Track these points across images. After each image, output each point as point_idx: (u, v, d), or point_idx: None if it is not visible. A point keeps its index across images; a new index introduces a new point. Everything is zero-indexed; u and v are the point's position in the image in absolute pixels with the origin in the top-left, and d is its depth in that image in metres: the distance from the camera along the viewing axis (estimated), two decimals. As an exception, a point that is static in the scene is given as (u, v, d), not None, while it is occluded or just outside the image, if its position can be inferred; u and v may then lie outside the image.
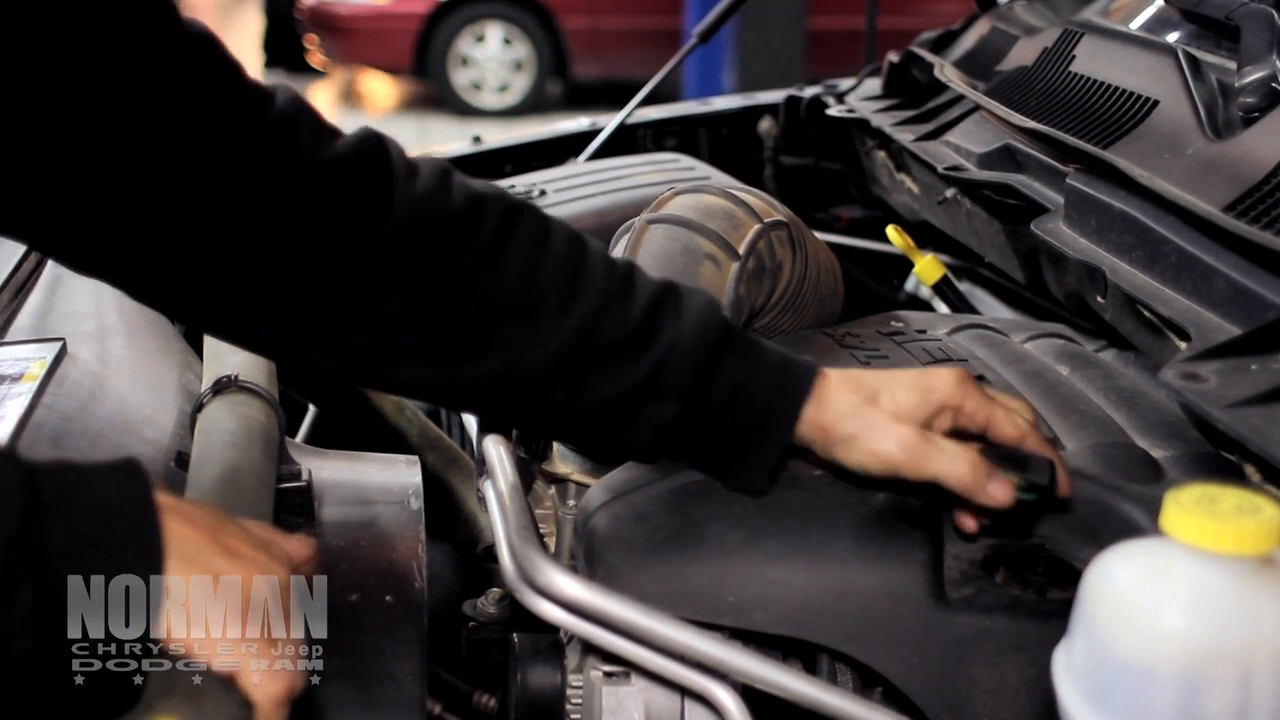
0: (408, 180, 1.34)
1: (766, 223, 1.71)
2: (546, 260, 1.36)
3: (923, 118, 2.36)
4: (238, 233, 1.28)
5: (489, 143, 2.88)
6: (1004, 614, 1.36)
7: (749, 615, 1.36)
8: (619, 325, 1.34)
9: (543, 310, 1.33)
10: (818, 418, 1.36)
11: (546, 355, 1.34)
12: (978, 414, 1.37)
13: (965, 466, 1.32)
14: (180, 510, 1.04)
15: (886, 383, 1.37)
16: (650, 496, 1.45)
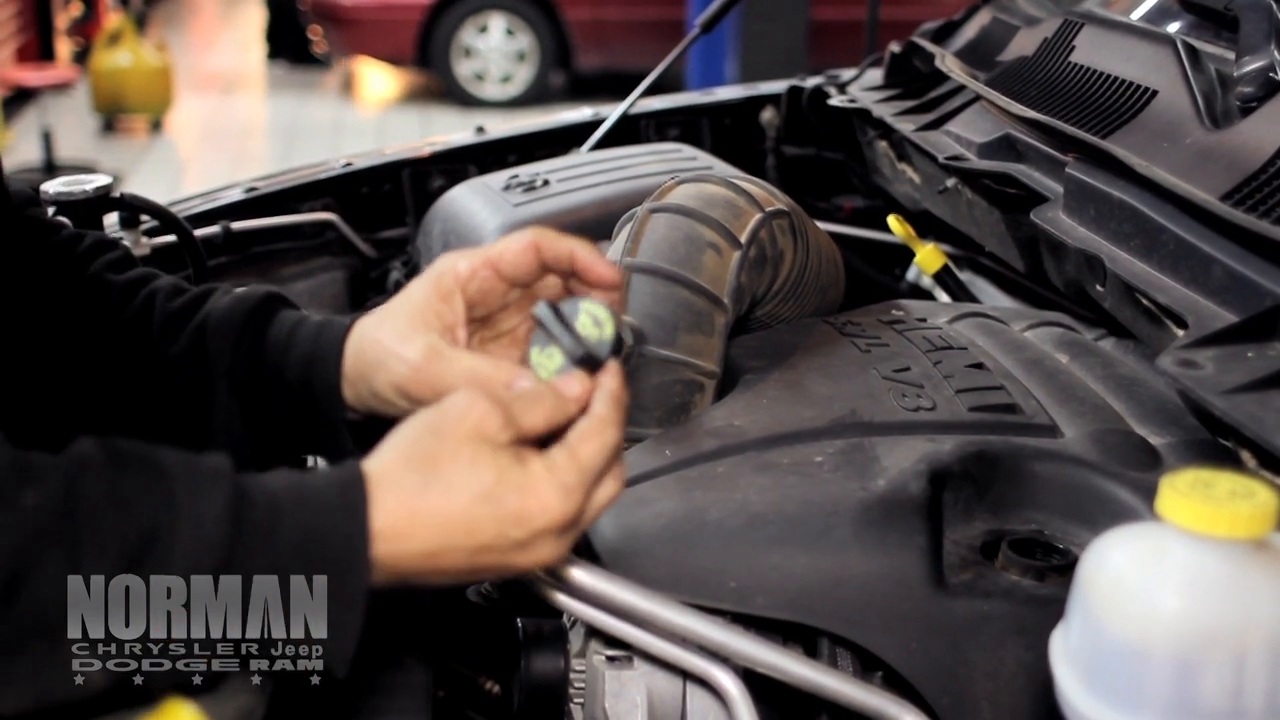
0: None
1: (768, 211, 1.72)
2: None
3: (924, 108, 2.37)
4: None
5: (492, 133, 2.89)
6: (1002, 599, 1.38)
7: (750, 600, 1.37)
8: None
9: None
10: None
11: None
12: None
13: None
14: (399, 531, 1.06)
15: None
16: (653, 483, 1.46)
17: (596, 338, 1.21)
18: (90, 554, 0.97)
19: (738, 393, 1.62)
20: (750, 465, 1.48)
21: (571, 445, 1.13)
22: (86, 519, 0.98)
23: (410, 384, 1.26)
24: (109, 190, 2.13)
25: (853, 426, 1.54)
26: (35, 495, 0.97)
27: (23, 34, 12.13)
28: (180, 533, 0.99)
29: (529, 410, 1.13)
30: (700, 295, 1.62)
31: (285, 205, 2.61)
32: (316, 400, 1.34)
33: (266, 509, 1.03)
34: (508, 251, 1.27)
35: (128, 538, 0.98)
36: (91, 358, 1.39)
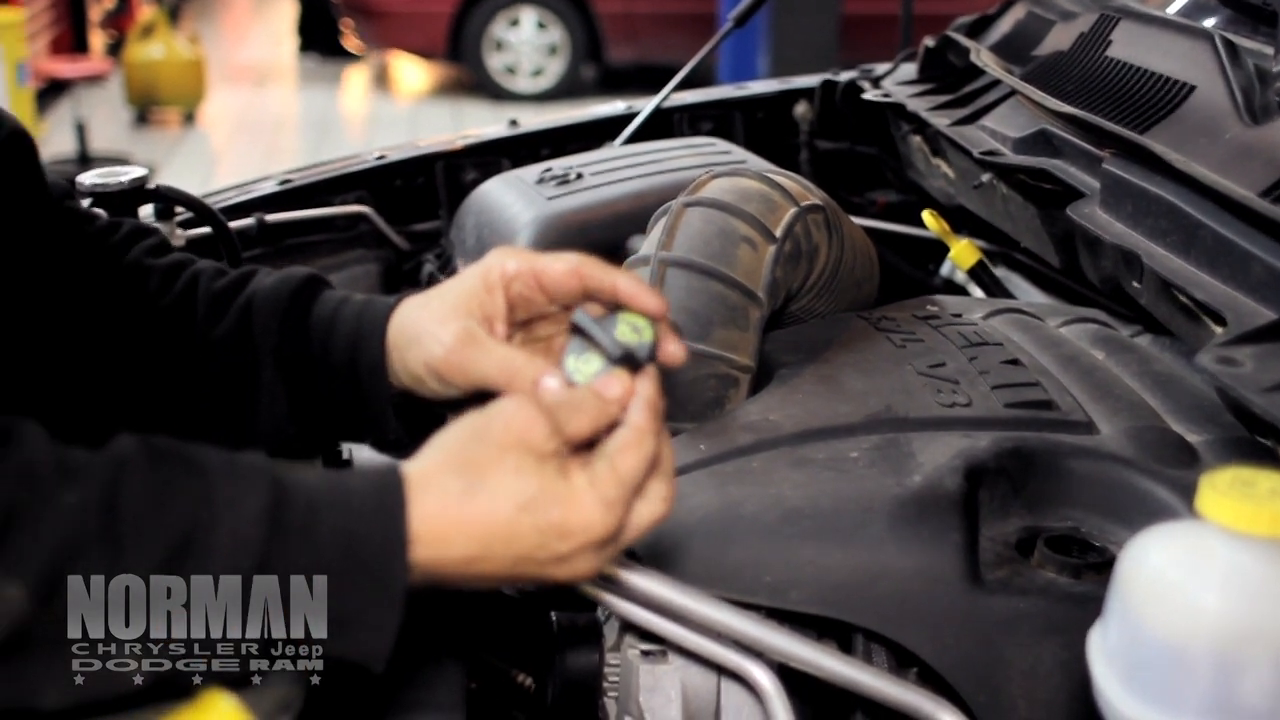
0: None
1: (803, 206, 1.72)
2: None
3: (959, 102, 2.36)
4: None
5: (526, 126, 2.89)
6: (1039, 596, 1.37)
7: (785, 595, 1.37)
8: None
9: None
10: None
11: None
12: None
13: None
14: (438, 536, 1.06)
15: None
16: (688, 478, 1.46)
17: (636, 341, 1.21)
18: (130, 552, 0.97)
19: (772, 387, 1.62)
20: (785, 460, 1.48)
21: (611, 456, 1.13)
22: (127, 518, 0.98)
23: (442, 365, 1.27)
24: (144, 182, 2.14)
25: (888, 422, 1.54)
26: (76, 494, 0.97)
27: (56, 26, 12.18)
28: (219, 532, 1.00)
29: (573, 417, 1.13)
30: (735, 289, 1.61)
31: (319, 198, 2.61)
32: (361, 378, 1.35)
33: (304, 508, 1.03)
34: (551, 270, 1.28)
35: (167, 536, 0.98)
36: (134, 344, 1.39)
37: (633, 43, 11.78)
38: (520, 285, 1.29)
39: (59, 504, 0.96)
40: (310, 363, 1.37)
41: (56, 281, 1.39)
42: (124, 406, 1.41)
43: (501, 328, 1.30)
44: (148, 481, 1.00)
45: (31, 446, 0.99)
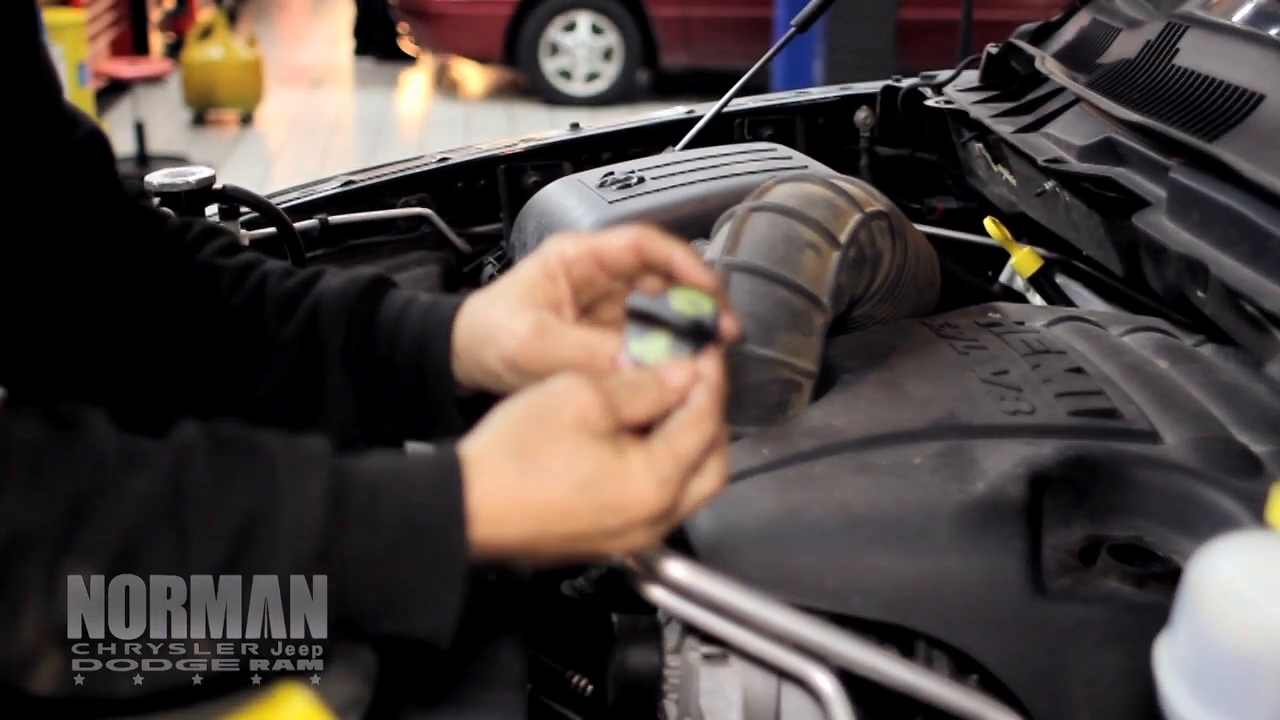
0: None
1: (868, 212, 1.72)
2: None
3: (1022, 109, 2.35)
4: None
5: (587, 130, 2.90)
6: (1102, 605, 1.37)
7: (847, 600, 1.37)
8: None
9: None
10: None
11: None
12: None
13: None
14: (495, 516, 1.07)
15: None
16: (751, 482, 1.47)
17: (696, 313, 1.21)
18: (196, 539, 0.98)
19: (835, 393, 1.62)
20: (848, 466, 1.48)
21: (670, 436, 1.13)
22: (193, 505, 0.99)
23: (519, 358, 1.28)
24: (211, 182, 2.16)
25: (951, 429, 1.53)
26: (143, 481, 0.98)
27: (117, 27, 12.28)
28: (283, 517, 1.01)
29: (632, 399, 1.14)
30: (799, 295, 1.61)
31: (381, 199, 2.63)
32: (427, 378, 1.36)
33: (365, 491, 1.04)
34: (610, 246, 1.28)
35: (232, 522, 1.00)
36: (204, 344, 1.41)
37: (687, 48, 11.78)
38: (581, 268, 1.30)
39: (127, 492, 0.98)
40: (377, 363, 1.38)
41: (129, 280, 1.41)
42: (193, 405, 1.42)
43: (570, 313, 1.31)
44: (212, 467, 1.01)
45: (97, 435, 1.00)
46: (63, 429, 1.00)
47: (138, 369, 1.41)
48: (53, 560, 0.95)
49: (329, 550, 1.01)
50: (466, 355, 1.33)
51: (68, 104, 1.42)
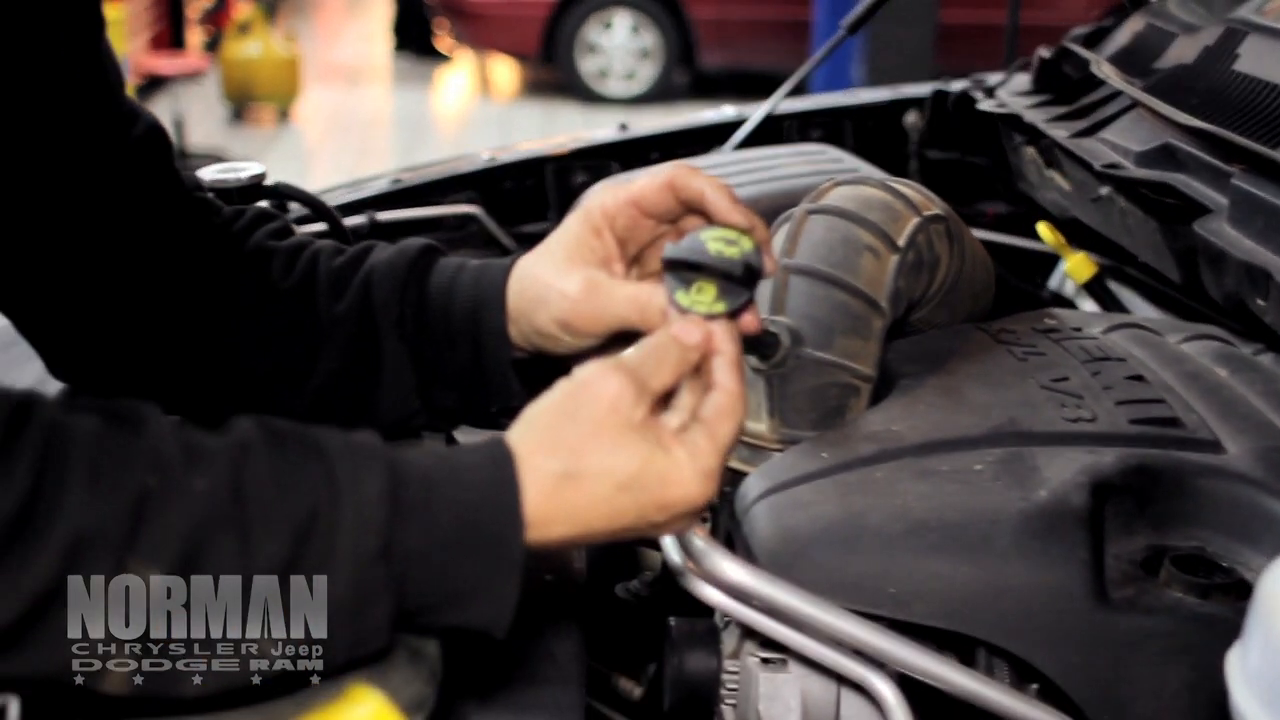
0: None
1: (926, 216, 1.71)
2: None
3: (1077, 114, 2.33)
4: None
5: (635, 130, 2.90)
6: (1166, 616, 1.36)
7: (909, 607, 1.36)
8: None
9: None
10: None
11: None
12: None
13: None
14: (541, 520, 1.07)
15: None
16: (811, 486, 1.46)
17: (739, 253, 1.20)
18: (258, 537, 0.98)
19: (894, 398, 1.61)
20: (909, 471, 1.47)
21: (710, 425, 1.14)
22: (253, 502, 0.99)
23: (572, 317, 1.28)
24: (261, 179, 2.16)
25: (1012, 435, 1.52)
26: (205, 479, 0.98)
27: (156, 23, 12.34)
28: (344, 514, 1.01)
29: (658, 370, 1.14)
30: (858, 298, 1.61)
31: (429, 197, 2.63)
32: (483, 343, 1.36)
33: (420, 485, 1.04)
34: (647, 189, 1.30)
35: (293, 520, 1.00)
36: (260, 327, 1.41)
37: (726, 48, 11.78)
38: (623, 219, 1.31)
39: (189, 490, 0.97)
40: (431, 332, 1.38)
41: (185, 269, 1.41)
42: (252, 389, 1.42)
43: (619, 267, 1.32)
44: (271, 464, 1.01)
45: (157, 432, 1.00)
46: (122, 425, 1.00)
47: (195, 355, 1.42)
48: (117, 561, 0.95)
49: (389, 546, 1.01)
50: (521, 318, 1.34)
51: (128, 99, 1.42)
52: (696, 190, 1.26)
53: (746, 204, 2.10)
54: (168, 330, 1.41)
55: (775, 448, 1.57)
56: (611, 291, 1.27)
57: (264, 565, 0.99)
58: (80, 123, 1.35)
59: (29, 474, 0.93)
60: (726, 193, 1.25)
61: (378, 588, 1.02)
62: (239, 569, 0.98)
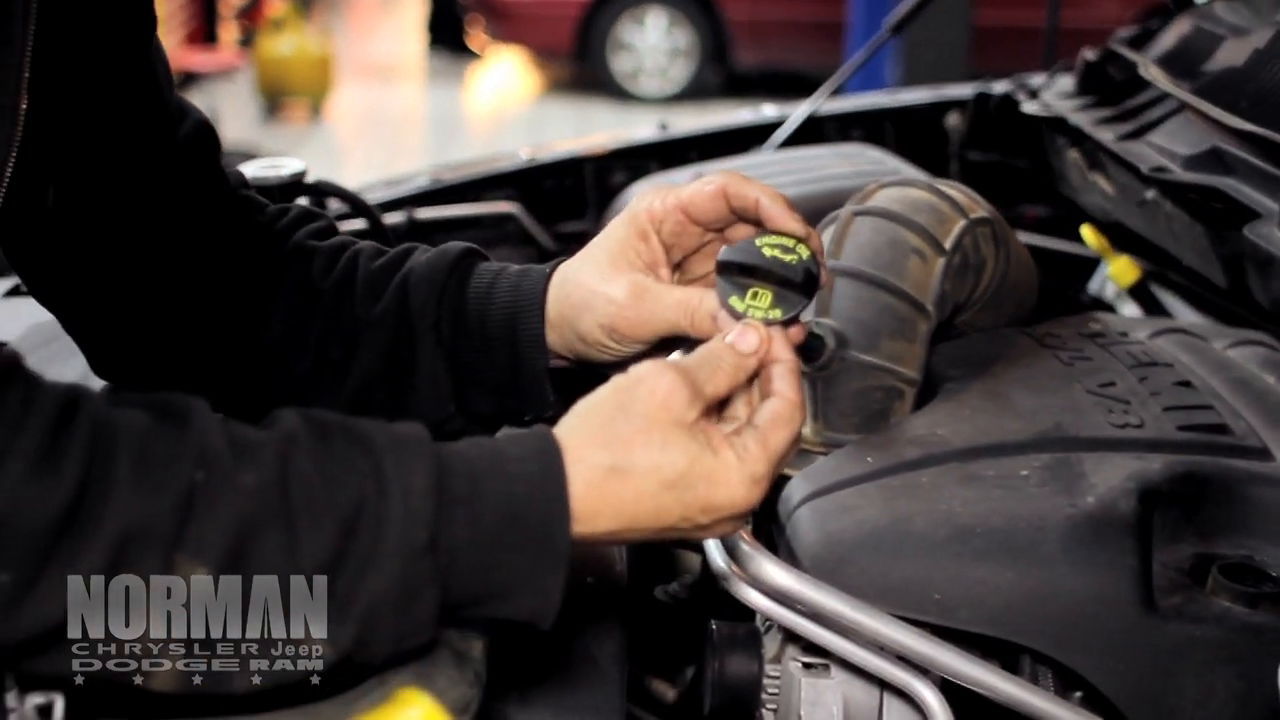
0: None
1: (972, 218, 1.69)
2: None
3: (1123, 117, 2.31)
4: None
5: (675, 130, 2.89)
6: (1214, 625, 1.35)
7: (954, 613, 1.35)
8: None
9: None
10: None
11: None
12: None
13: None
14: (586, 513, 1.06)
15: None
16: (855, 490, 1.45)
17: (797, 260, 1.19)
18: (305, 531, 0.98)
19: (939, 401, 1.60)
20: (954, 476, 1.46)
21: (764, 432, 1.12)
22: (300, 496, 0.99)
23: (618, 322, 1.27)
24: (302, 176, 2.16)
25: (1059, 441, 1.51)
26: (252, 474, 0.98)
27: (191, 20, 12.39)
28: (392, 507, 1.00)
29: (712, 376, 1.12)
30: (904, 301, 1.59)
31: (469, 195, 2.63)
32: (520, 351, 1.35)
33: (466, 478, 1.03)
34: (698, 196, 1.28)
35: (341, 514, 0.99)
36: (296, 325, 1.40)
37: (759, 48, 11.76)
38: (671, 224, 1.29)
39: (237, 485, 0.97)
40: (469, 336, 1.37)
41: (228, 267, 1.41)
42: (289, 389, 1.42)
43: (665, 272, 1.30)
44: (316, 457, 1.01)
45: (205, 426, 1.00)
46: (169, 420, 1.00)
47: (233, 354, 1.42)
48: (165, 557, 0.95)
49: (436, 539, 1.01)
50: (563, 324, 1.32)
51: (176, 96, 1.42)
52: (750, 198, 1.25)
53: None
54: (207, 327, 1.41)
55: (819, 451, 1.56)
56: (659, 296, 1.26)
57: (310, 559, 0.98)
58: (129, 120, 1.34)
59: (77, 469, 0.93)
60: (781, 200, 1.24)
61: (424, 581, 1.01)
62: (286, 564, 0.98)
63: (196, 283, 1.40)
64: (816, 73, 2.74)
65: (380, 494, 1.00)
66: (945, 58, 8.58)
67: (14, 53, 1.11)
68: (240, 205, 1.46)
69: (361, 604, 1.00)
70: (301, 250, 1.44)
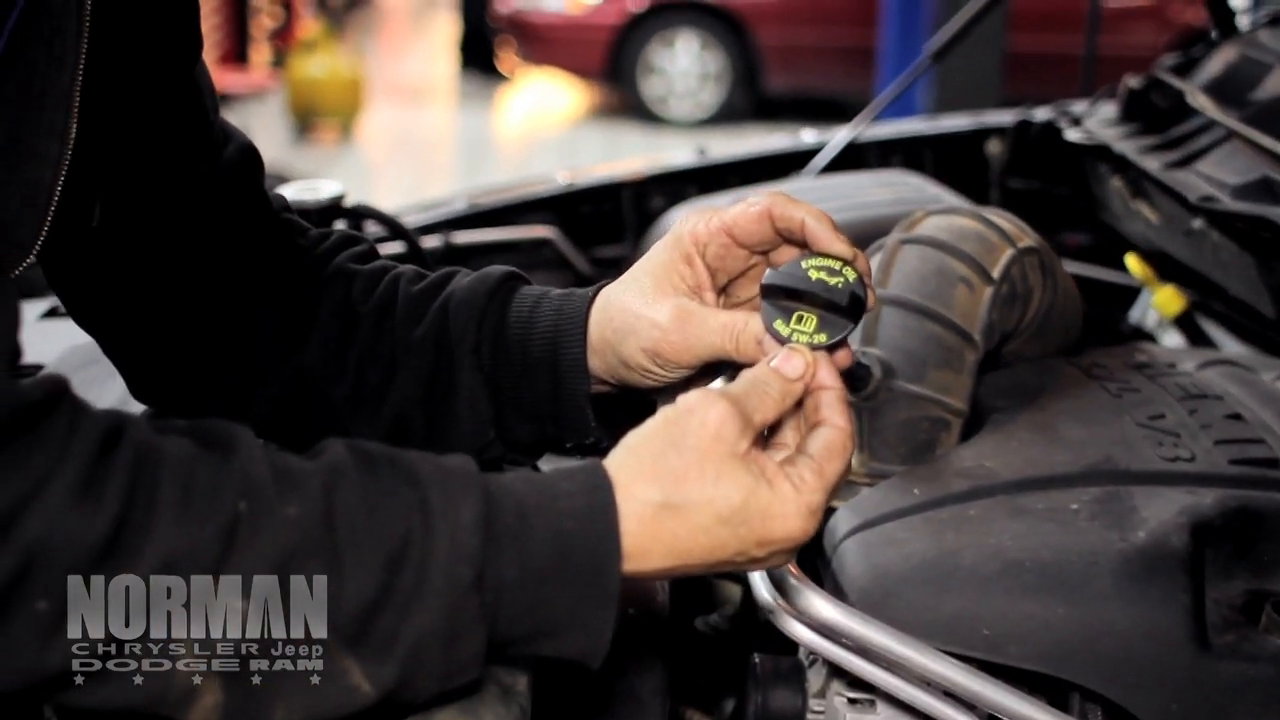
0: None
1: (1020, 247, 1.68)
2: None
3: (1169, 145, 2.29)
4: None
5: (714, 155, 2.88)
6: (1269, 663, 1.32)
7: (1003, 649, 1.33)
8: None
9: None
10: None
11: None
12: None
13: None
14: (639, 550, 1.04)
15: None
16: (902, 523, 1.43)
17: (844, 283, 1.17)
18: (349, 565, 0.96)
19: (986, 433, 1.58)
20: (1003, 509, 1.44)
21: (818, 461, 1.10)
22: (345, 529, 0.97)
23: (663, 346, 1.24)
24: (341, 199, 2.15)
25: (1109, 474, 1.49)
26: (296, 505, 0.97)
27: (223, 41, 12.45)
28: (438, 543, 0.99)
29: (761, 404, 1.10)
30: (951, 331, 1.58)
31: (506, 219, 2.62)
32: (561, 374, 1.32)
33: (515, 513, 1.02)
34: (742, 217, 1.25)
35: (385, 548, 0.97)
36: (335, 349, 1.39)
37: (790, 72, 11.75)
38: (715, 246, 1.26)
39: (281, 517, 0.96)
40: (509, 362, 1.35)
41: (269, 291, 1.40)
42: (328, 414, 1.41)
43: (710, 296, 1.27)
44: (362, 489, 0.99)
45: (249, 455, 0.98)
46: (213, 448, 0.98)
47: (273, 377, 1.40)
48: None
49: (483, 575, 0.99)
50: (605, 349, 1.30)
51: (220, 120, 1.41)
52: (796, 219, 1.23)
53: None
54: (246, 350, 1.40)
55: (864, 482, 1.54)
56: (704, 320, 1.24)
57: (354, 594, 0.96)
58: (175, 141, 1.34)
59: (119, 496, 0.92)
60: (828, 221, 1.22)
61: (471, 618, 0.99)
62: (329, 597, 0.96)
63: (237, 305, 1.39)
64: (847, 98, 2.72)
65: (426, 528, 0.99)
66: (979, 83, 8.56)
67: (66, 73, 1.10)
68: (282, 228, 1.45)
69: (406, 642, 0.98)
70: (342, 273, 1.42)
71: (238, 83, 10.92)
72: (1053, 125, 2.81)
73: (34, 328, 2.04)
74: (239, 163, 1.41)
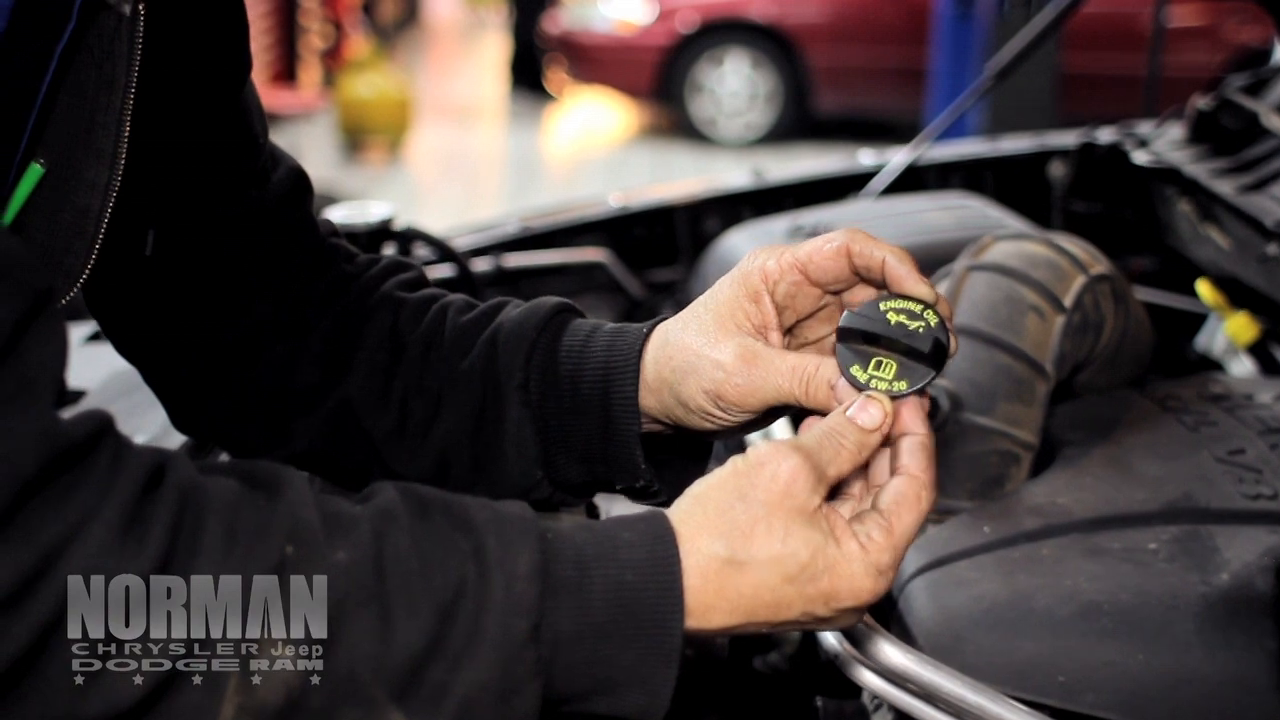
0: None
1: (1092, 275, 1.62)
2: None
3: (1242, 168, 2.23)
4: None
5: (769, 177, 2.83)
6: (1359, 713, 1.26)
7: (1079, 697, 1.28)
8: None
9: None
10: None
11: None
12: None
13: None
14: (702, 606, 1.00)
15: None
16: (972, 562, 1.37)
17: (925, 328, 1.11)
18: (399, 614, 0.93)
19: (1059, 468, 1.52)
20: (1078, 549, 1.38)
21: (889, 517, 1.04)
22: (395, 577, 0.93)
23: (725, 389, 1.17)
24: (390, 222, 2.11)
25: (1188, 512, 1.43)
26: (346, 552, 0.93)
27: (274, 61, 12.51)
28: (493, 593, 0.94)
29: (835, 457, 1.05)
30: (1022, 361, 1.52)
31: (558, 242, 2.58)
32: (612, 412, 1.25)
33: (574, 563, 0.97)
34: (817, 254, 1.17)
35: (437, 597, 0.94)
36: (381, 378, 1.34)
37: (840, 93, 11.72)
38: (786, 284, 1.19)
39: (330, 563, 0.92)
40: (559, 397, 1.28)
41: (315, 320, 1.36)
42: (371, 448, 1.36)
43: (776, 336, 1.19)
44: (415, 537, 0.95)
45: (298, 499, 0.95)
46: (261, 490, 0.95)
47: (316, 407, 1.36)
48: None
49: (539, 627, 0.95)
50: (662, 389, 1.22)
51: (270, 144, 1.37)
52: (876, 258, 1.15)
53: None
54: (289, 380, 1.36)
55: (932, 519, 1.48)
56: (771, 362, 1.17)
57: (403, 645, 0.92)
58: (223, 164, 1.30)
59: (163, 537, 0.89)
60: (909, 260, 1.15)
61: (526, 672, 0.95)
62: (377, 647, 0.92)
63: (279, 334, 1.35)
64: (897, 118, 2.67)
65: (481, 578, 0.95)
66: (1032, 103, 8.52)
67: (117, 97, 1.07)
68: (329, 254, 1.41)
69: (457, 695, 0.94)
70: (389, 301, 1.38)
71: (287, 102, 10.94)
72: (1118, 147, 2.75)
73: (78, 352, 2.00)
74: (288, 188, 1.37)
